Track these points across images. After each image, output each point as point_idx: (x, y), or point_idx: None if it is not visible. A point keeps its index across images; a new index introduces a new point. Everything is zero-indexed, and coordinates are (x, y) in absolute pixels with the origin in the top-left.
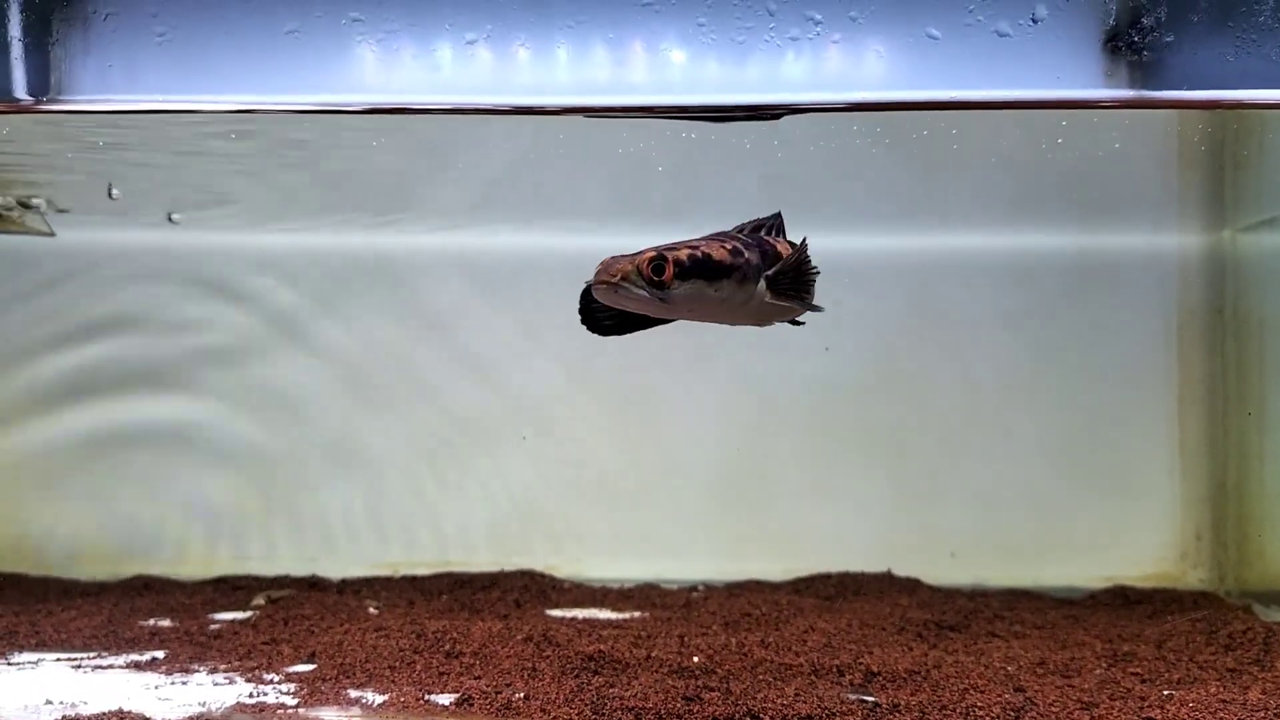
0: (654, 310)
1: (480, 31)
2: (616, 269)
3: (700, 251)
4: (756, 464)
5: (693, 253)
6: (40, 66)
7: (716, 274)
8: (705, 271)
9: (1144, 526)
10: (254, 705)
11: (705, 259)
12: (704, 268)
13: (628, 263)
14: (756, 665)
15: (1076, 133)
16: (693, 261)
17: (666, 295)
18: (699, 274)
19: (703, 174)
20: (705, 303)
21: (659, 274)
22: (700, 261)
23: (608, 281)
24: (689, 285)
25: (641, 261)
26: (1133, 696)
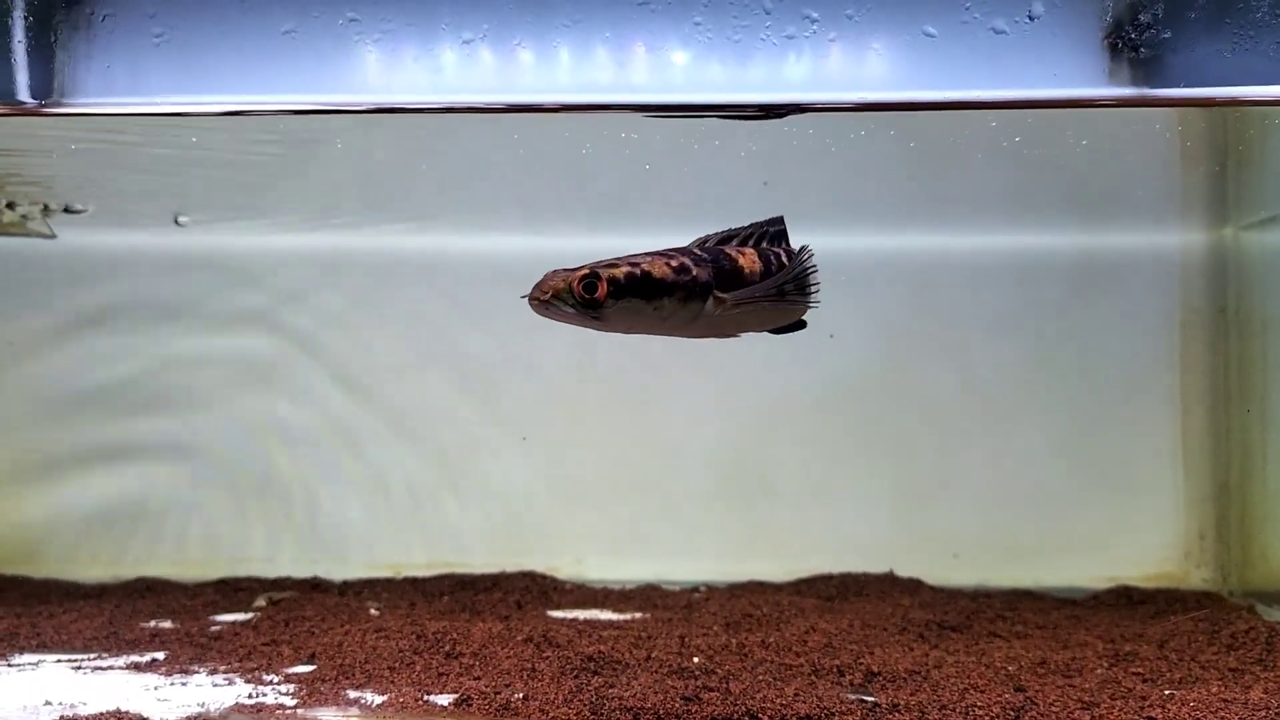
0: (591, 328)
1: (477, 31)
2: (549, 285)
3: (639, 269)
4: (758, 464)
5: (630, 270)
6: (43, 69)
7: (655, 292)
8: (642, 289)
9: (1147, 526)
10: (253, 706)
11: (643, 276)
12: (641, 285)
13: (561, 279)
14: (756, 665)
15: (1077, 130)
16: (629, 279)
17: (600, 314)
18: (635, 292)
19: (702, 175)
20: (645, 320)
21: (591, 292)
22: (637, 279)
23: (540, 299)
24: (624, 304)
25: (574, 279)
26: (1134, 696)
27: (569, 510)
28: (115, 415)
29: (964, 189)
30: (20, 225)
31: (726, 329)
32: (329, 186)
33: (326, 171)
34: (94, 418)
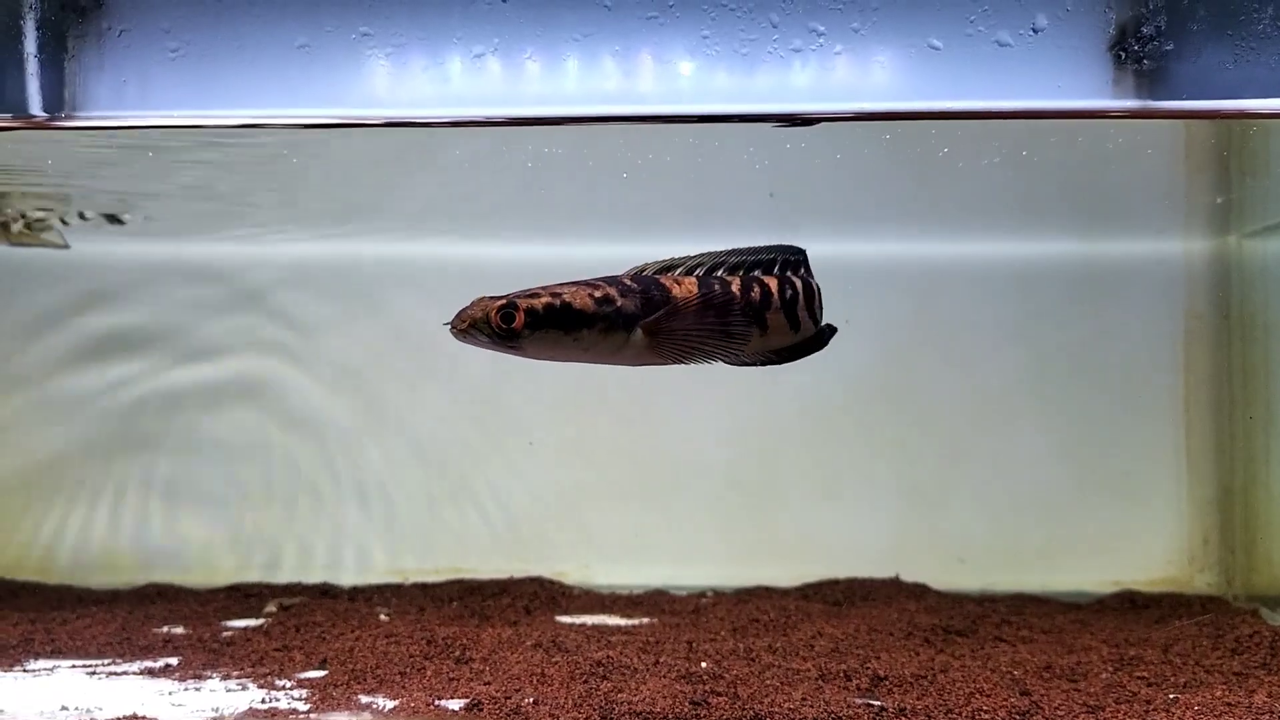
0: (512, 356)
1: (488, 45)
2: (468, 314)
3: (559, 299)
4: (764, 470)
5: (550, 301)
6: (56, 83)
7: (574, 323)
8: (561, 320)
9: (1151, 531)
10: (266, 711)
11: (562, 307)
12: (560, 316)
13: (480, 308)
14: (764, 670)
15: (1080, 139)
16: (547, 310)
17: (517, 344)
18: (553, 323)
19: (708, 185)
20: (566, 350)
21: (508, 322)
22: (555, 310)
23: (458, 329)
24: (542, 334)
25: (492, 309)
26: (1138, 700)
27: (576, 516)
28: (124, 421)
29: (968, 197)
30: (34, 237)
31: (663, 359)
32: (334, 195)
33: (333, 180)
34: (102, 424)
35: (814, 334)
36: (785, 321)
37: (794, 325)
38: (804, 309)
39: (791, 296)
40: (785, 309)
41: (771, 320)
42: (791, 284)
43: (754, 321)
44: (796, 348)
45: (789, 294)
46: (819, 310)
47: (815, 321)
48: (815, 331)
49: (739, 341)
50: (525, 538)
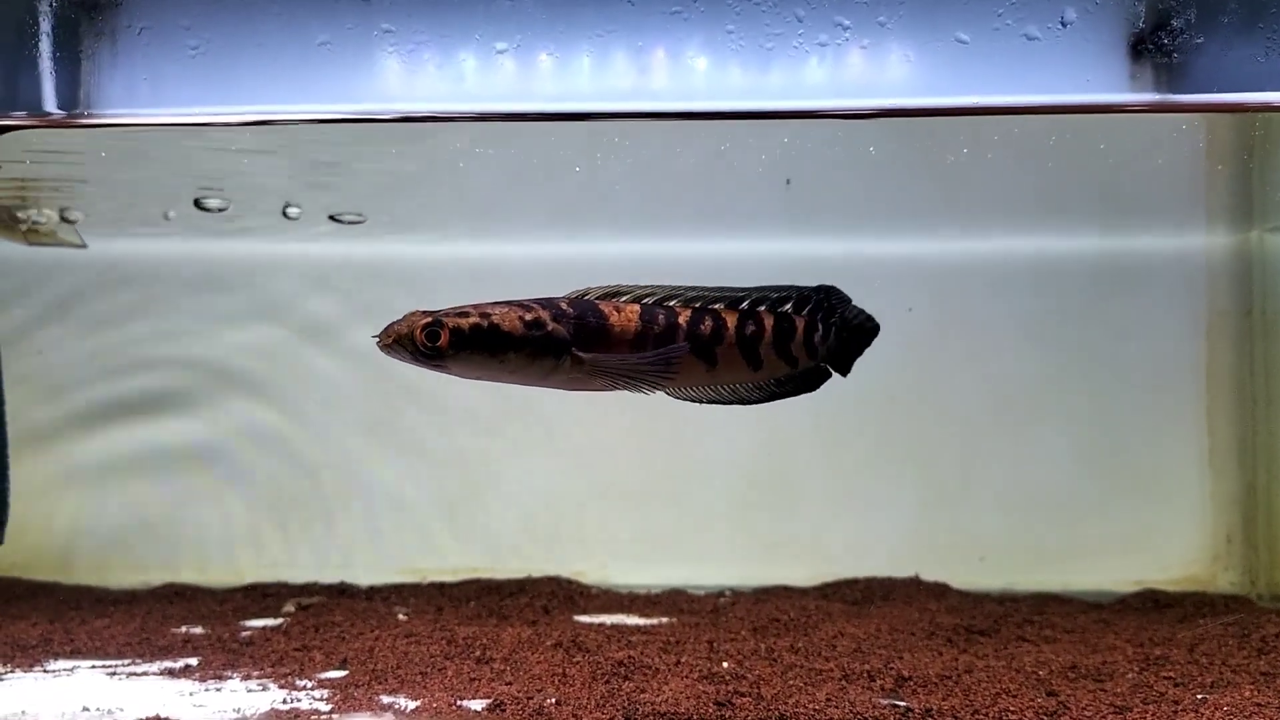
0: (439, 372)
1: (510, 41)
2: (394, 330)
3: (488, 320)
4: (782, 468)
5: (477, 321)
6: (71, 81)
7: (501, 345)
8: (487, 342)
9: (1173, 530)
10: (288, 712)
11: (490, 329)
12: (486, 337)
13: (407, 324)
14: (787, 670)
15: (1102, 133)
16: (473, 330)
17: (442, 363)
18: (479, 344)
19: (724, 181)
20: (492, 371)
21: (433, 340)
22: (482, 331)
23: (383, 344)
24: (467, 355)
25: (417, 326)
26: (1166, 701)
27: (593, 515)
28: (142, 422)
29: (988, 192)
30: (52, 235)
31: (594, 385)
32: (352, 193)
33: (354, 178)
34: (121, 424)
35: (801, 374)
36: (742, 358)
37: (753, 363)
38: (769, 347)
39: (753, 334)
40: (742, 345)
41: (723, 355)
42: (758, 321)
43: (702, 357)
44: (782, 386)
45: (749, 331)
46: (810, 350)
47: (791, 361)
48: (801, 371)
49: (675, 376)
50: (542, 537)
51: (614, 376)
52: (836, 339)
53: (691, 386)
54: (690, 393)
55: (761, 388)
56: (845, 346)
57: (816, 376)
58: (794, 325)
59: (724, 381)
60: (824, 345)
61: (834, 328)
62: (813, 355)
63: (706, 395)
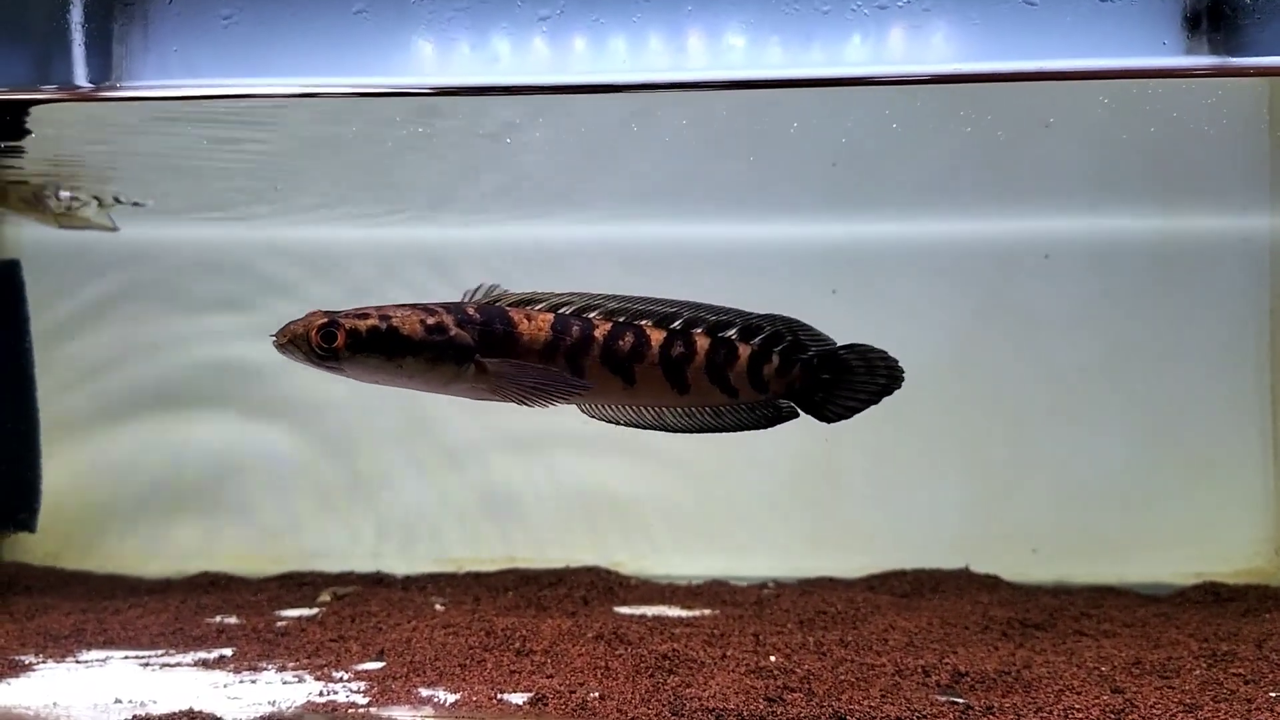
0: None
1: (554, 8)
2: (289, 329)
3: (387, 323)
4: (828, 457)
5: (375, 324)
6: (102, 53)
7: (399, 349)
8: (385, 345)
9: (1234, 520)
10: (324, 704)
11: (388, 332)
12: (384, 341)
13: (303, 325)
14: (837, 665)
15: (1161, 107)
16: (370, 333)
17: (338, 365)
18: (376, 348)
19: (770, 155)
20: (390, 376)
21: (329, 342)
22: (380, 334)
23: (278, 343)
24: (363, 358)
25: (313, 327)
26: (1238, 698)
27: (632, 504)
28: (177, 409)
29: (1042, 172)
30: (82, 219)
31: (497, 396)
32: (391, 179)
33: (392, 163)
34: (155, 411)
35: (748, 407)
36: (665, 379)
37: (678, 386)
38: (700, 371)
39: (680, 355)
40: (665, 366)
41: (642, 375)
42: (688, 343)
43: (618, 373)
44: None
45: (675, 352)
46: (756, 382)
47: (728, 391)
48: (748, 404)
49: (582, 393)
50: (580, 527)
51: (518, 387)
52: (806, 375)
53: (607, 405)
54: (606, 412)
55: (691, 415)
56: (824, 388)
57: (773, 414)
58: (735, 352)
59: (644, 403)
60: (781, 380)
61: (800, 363)
62: (759, 388)
63: (624, 416)
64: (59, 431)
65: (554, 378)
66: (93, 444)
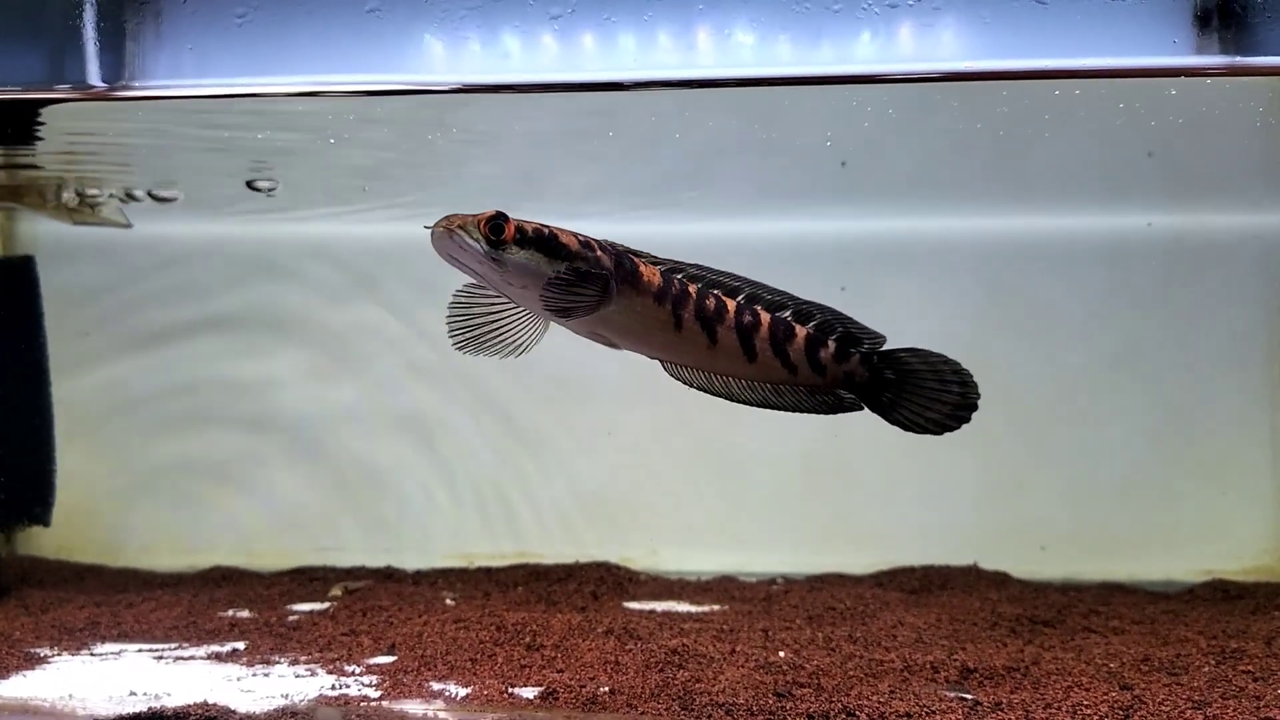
0: (488, 277)
1: (566, 6)
2: (456, 217)
3: (548, 229)
4: (836, 453)
5: (539, 227)
6: (116, 52)
7: (559, 254)
8: (547, 247)
9: (1243, 518)
10: (337, 698)
11: (550, 236)
12: (547, 242)
13: (471, 216)
14: (846, 661)
15: (1170, 105)
16: (536, 233)
17: (501, 256)
18: (540, 246)
19: (777, 153)
20: (539, 282)
21: (497, 233)
22: (544, 236)
23: (445, 227)
24: (526, 254)
25: (482, 217)
26: (1247, 695)
27: (642, 500)
28: (191, 403)
29: (1052, 169)
30: (97, 215)
31: (606, 334)
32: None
33: (411, 157)
34: (169, 406)
35: (808, 389)
36: (738, 344)
37: (749, 354)
38: (766, 342)
39: (750, 324)
40: (739, 330)
41: (723, 336)
42: (754, 314)
43: (705, 330)
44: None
45: (746, 319)
46: (814, 364)
47: (789, 367)
48: (808, 385)
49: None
50: (590, 522)
51: (631, 326)
52: (867, 370)
53: (689, 365)
54: (683, 373)
55: (754, 388)
56: (891, 388)
57: (834, 402)
58: (792, 330)
59: (720, 367)
60: (839, 367)
61: (859, 356)
62: (817, 370)
63: (698, 380)
64: (73, 426)
65: (662, 326)
66: (106, 438)
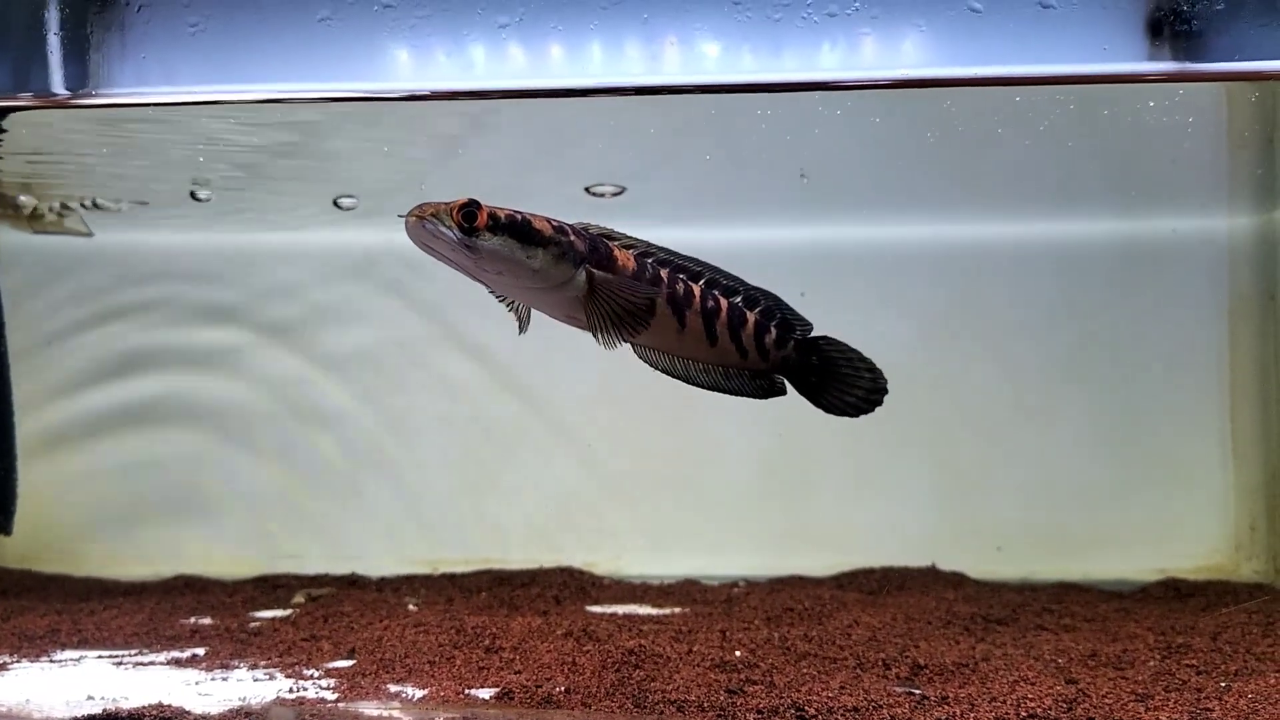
0: (462, 263)
1: (513, 16)
2: (430, 205)
3: (521, 216)
4: (797, 458)
5: (512, 214)
6: (78, 61)
7: (532, 240)
8: (520, 233)
9: (1195, 517)
10: (294, 700)
11: (523, 222)
12: (520, 229)
13: (444, 204)
14: (800, 659)
15: (1120, 112)
16: (509, 220)
17: (475, 244)
18: (513, 232)
19: (740, 164)
20: (516, 269)
21: (470, 220)
22: (517, 223)
23: (418, 215)
24: (499, 240)
25: (455, 205)
26: (1189, 688)
27: (606, 505)
28: (154, 413)
29: (1003, 175)
30: (57, 224)
31: (588, 315)
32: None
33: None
34: (132, 416)
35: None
36: (703, 329)
37: (710, 338)
38: (724, 326)
39: (712, 309)
40: (704, 315)
41: (690, 320)
42: (715, 299)
43: (675, 314)
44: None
45: (709, 304)
46: (760, 349)
47: (741, 351)
48: (751, 369)
49: (656, 323)
50: (554, 528)
51: (609, 307)
52: (799, 354)
53: (658, 347)
54: (651, 356)
55: (708, 372)
56: (816, 372)
57: (768, 386)
58: (744, 317)
59: (686, 350)
60: (778, 352)
61: (794, 341)
62: (762, 355)
63: (663, 362)
64: (35, 436)
65: (645, 296)
66: (69, 448)
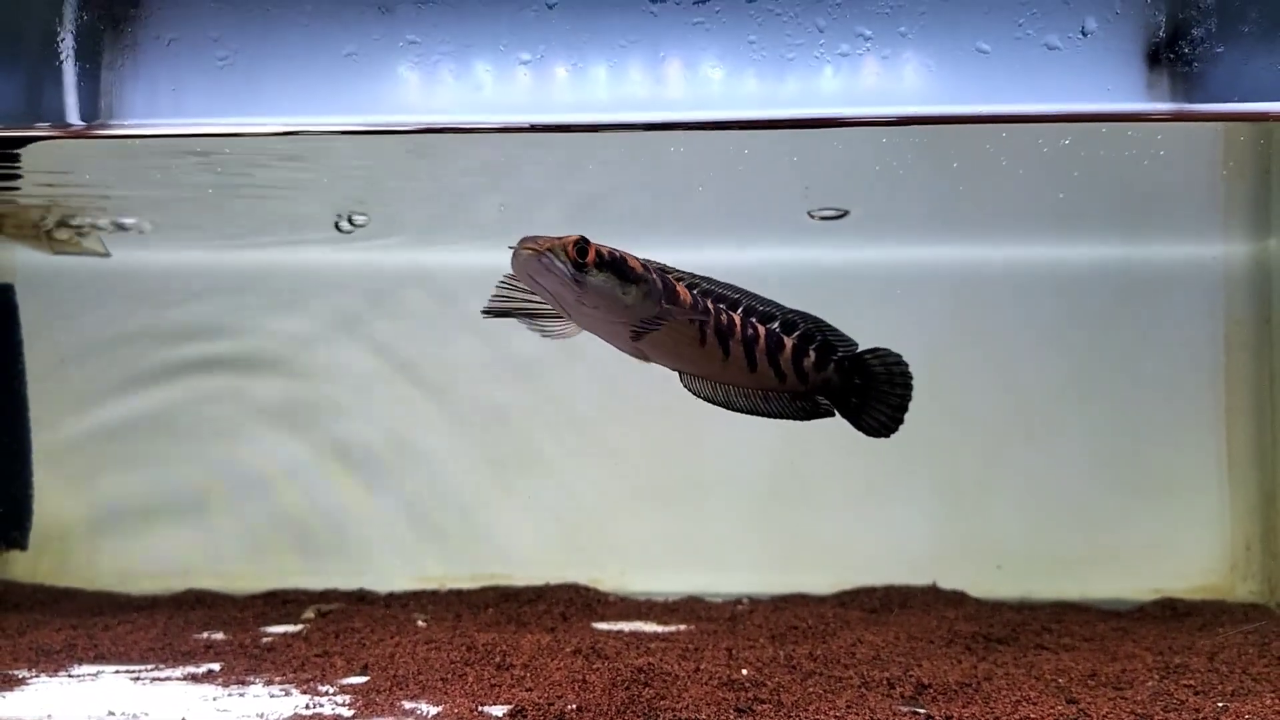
0: (563, 296)
1: (534, 52)
2: (544, 239)
3: (619, 254)
4: (800, 476)
5: (614, 250)
6: (92, 92)
7: (629, 277)
8: (619, 269)
9: (1192, 538)
10: (311, 717)
11: (621, 258)
12: (619, 267)
13: (558, 240)
14: (806, 677)
15: (1120, 143)
16: (612, 257)
17: (583, 279)
18: (615, 270)
19: (743, 187)
20: (611, 304)
21: (583, 255)
22: (618, 261)
23: (533, 249)
24: (604, 277)
25: (568, 241)
26: (1186, 709)
27: (611, 522)
28: (166, 430)
29: (1007, 202)
30: (76, 244)
31: (646, 346)
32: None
33: (388, 188)
34: (144, 432)
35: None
36: (744, 357)
37: (750, 364)
38: (763, 353)
39: (751, 336)
40: (744, 344)
41: (733, 349)
42: (754, 326)
43: (721, 345)
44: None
45: (749, 332)
46: (799, 373)
47: (779, 375)
48: (790, 392)
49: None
50: (560, 545)
51: (668, 340)
52: (840, 376)
53: (703, 374)
54: (696, 385)
55: (747, 397)
56: (857, 393)
57: (811, 408)
58: (781, 341)
59: (729, 378)
60: (818, 374)
61: (834, 363)
62: (801, 379)
63: (705, 390)
64: (51, 451)
65: (691, 341)
66: (83, 464)
